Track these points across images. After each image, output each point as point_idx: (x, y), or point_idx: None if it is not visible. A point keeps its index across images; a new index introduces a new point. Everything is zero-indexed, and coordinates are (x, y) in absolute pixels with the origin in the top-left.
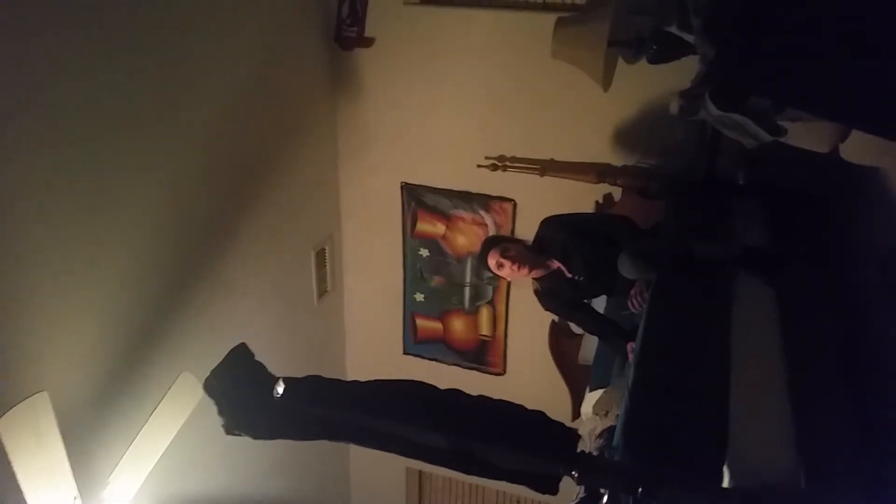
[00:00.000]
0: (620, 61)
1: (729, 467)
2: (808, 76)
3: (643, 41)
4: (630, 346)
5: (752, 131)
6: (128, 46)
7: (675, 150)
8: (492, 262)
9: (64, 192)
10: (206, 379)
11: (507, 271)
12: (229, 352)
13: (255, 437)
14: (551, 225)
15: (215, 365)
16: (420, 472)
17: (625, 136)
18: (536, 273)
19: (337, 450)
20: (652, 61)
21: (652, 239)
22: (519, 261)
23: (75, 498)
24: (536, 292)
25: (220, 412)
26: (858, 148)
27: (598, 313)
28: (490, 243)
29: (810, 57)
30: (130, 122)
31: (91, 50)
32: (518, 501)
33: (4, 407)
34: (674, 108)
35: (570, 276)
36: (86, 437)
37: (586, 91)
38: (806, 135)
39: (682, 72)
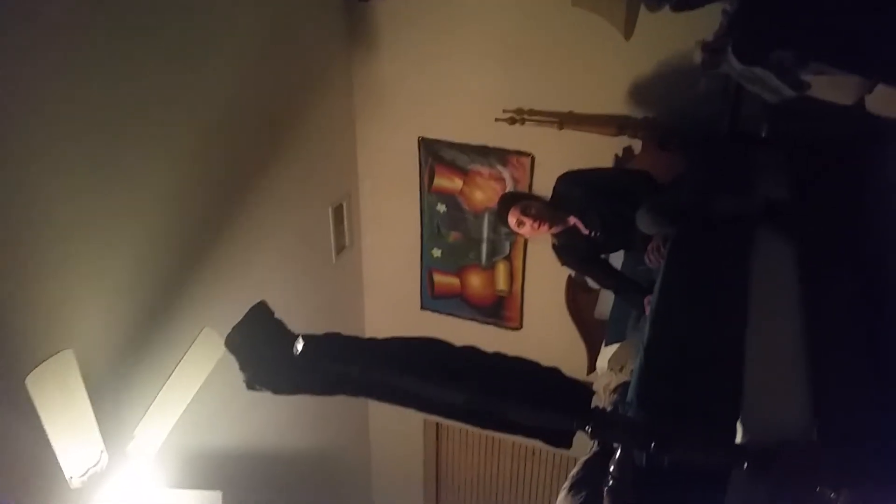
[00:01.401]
0: (643, 9)
1: (743, 423)
2: (832, 29)
3: None
4: (647, 300)
5: (775, 86)
6: (140, 5)
7: (697, 102)
8: (512, 219)
9: (85, 151)
10: (228, 335)
11: (528, 229)
12: (249, 309)
13: (276, 392)
14: (568, 181)
15: (236, 321)
16: (437, 424)
17: (646, 88)
18: (556, 229)
19: (356, 402)
20: (675, 9)
21: (671, 193)
22: (539, 218)
23: (102, 451)
24: (554, 247)
25: (242, 368)
26: (884, 100)
27: (615, 269)
28: (509, 201)
29: (834, 9)
30: (145, 77)
31: (107, 10)
32: (533, 452)
33: (31, 364)
34: (697, 59)
35: (586, 232)
36: (111, 393)
37: (607, 40)
38: (830, 87)
39: (707, 20)
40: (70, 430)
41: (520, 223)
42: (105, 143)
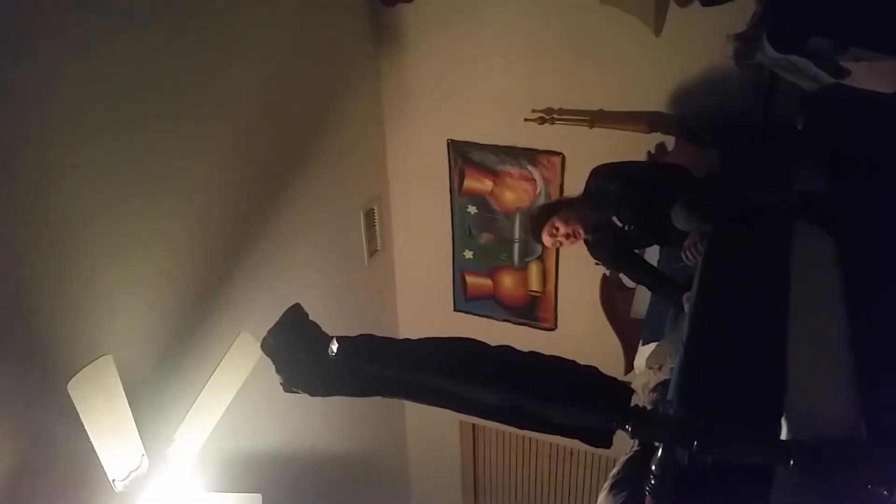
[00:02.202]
0: (672, 4)
1: (787, 420)
2: (873, 12)
3: None
4: (685, 297)
5: (813, 74)
6: (172, 11)
7: (730, 96)
8: (547, 241)
9: (119, 157)
10: (264, 339)
11: (567, 243)
12: (284, 312)
13: (312, 395)
14: (601, 174)
15: (272, 325)
16: (474, 425)
17: (678, 83)
18: (592, 228)
19: (392, 404)
20: (705, 3)
21: (707, 188)
22: (570, 230)
23: (143, 455)
24: (586, 241)
25: (278, 371)
26: None
27: (649, 264)
28: (539, 224)
29: None
30: (177, 88)
31: (139, 16)
32: (571, 453)
33: (72, 370)
34: (729, 51)
35: (621, 225)
36: (150, 397)
37: (636, 37)
38: (869, 75)
39: (737, 14)
40: (111, 435)
41: (555, 243)
42: (139, 150)
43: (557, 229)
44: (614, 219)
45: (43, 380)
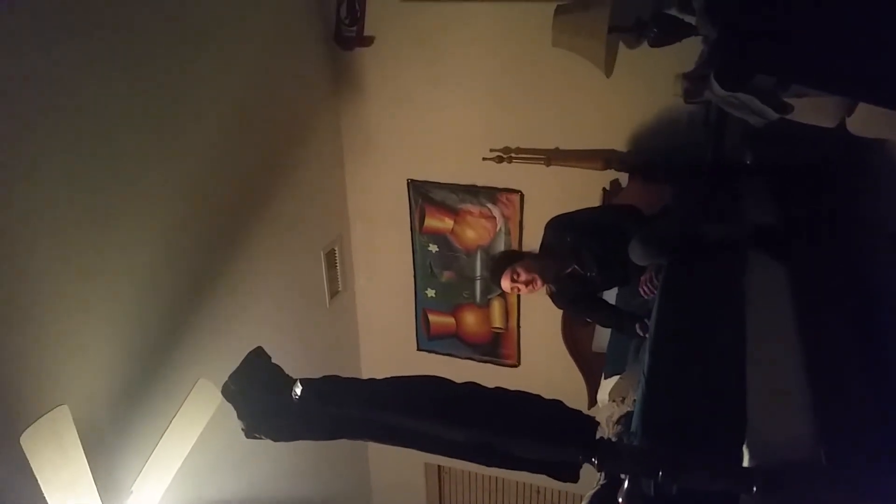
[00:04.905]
0: (622, 46)
1: (749, 447)
2: (812, 51)
3: (644, 25)
4: (640, 325)
5: (758, 109)
6: (131, 53)
7: (681, 133)
8: (505, 285)
9: (73, 203)
10: (225, 383)
11: (525, 290)
12: (246, 356)
13: (276, 440)
14: (556, 227)
15: (232, 370)
16: (439, 466)
17: (629, 122)
18: (554, 279)
19: (356, 448)
20: (653, 44)
21: (662, 223)
22: (530, 278)
23: None
24: (550, 295)
25: (240, 416)
26: (865, 121)
27: (612, 305)
28: (499, 267)
29: (813, 31)
30: (135, 130)
31: (95, 56)
32: (538, 492)
33: (26, 421)
34: (678, 90)
35: (583, 273)
36: (107, 448)
37: (589, 78)
38: (812, 110)
39: (685, 54)
40: (67, 489)
41: (514, 289)
42: (96, 194)
43: (518, 275)
44: (576, 267)
45: None
